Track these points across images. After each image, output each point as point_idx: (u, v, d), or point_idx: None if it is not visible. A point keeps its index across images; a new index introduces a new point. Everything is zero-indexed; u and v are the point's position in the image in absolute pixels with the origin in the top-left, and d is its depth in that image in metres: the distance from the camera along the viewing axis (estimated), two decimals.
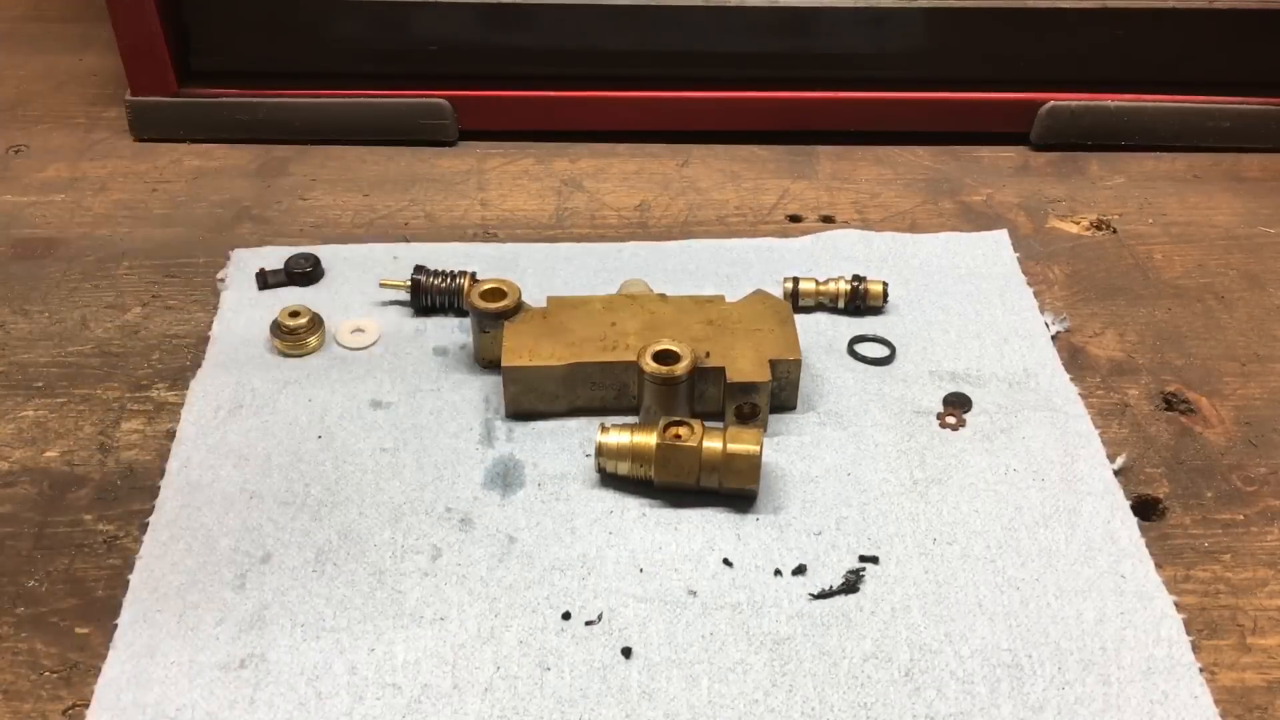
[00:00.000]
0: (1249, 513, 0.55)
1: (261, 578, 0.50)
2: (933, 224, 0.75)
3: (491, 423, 0.59)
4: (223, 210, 0.76)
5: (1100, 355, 0.64)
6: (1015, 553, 0.52)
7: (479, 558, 0.52)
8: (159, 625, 0.48)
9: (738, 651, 0.48)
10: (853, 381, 0.62)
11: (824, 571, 0.51)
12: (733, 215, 0.76)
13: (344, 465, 0.56)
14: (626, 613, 0.49)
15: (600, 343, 0.58)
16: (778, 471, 0.56)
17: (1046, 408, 0.60)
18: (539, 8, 0.80)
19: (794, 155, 0.83)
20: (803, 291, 0.66)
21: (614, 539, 0.53)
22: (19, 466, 0.56)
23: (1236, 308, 0.68)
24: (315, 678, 0.46)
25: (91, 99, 0.88)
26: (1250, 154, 0.83)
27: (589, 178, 0.80)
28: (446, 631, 0.48)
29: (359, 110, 0.81)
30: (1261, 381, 0.63)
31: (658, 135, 0.84)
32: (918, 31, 0.82)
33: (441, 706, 0.46)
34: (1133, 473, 0.57)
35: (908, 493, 0.55)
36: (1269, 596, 0.51)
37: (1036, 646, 0.48)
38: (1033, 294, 0.68)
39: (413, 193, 0.78)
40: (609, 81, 0.82)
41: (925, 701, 0.46)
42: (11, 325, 0.65)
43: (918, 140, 0.84)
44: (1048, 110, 0.82)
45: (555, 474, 0.56)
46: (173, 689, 0.46)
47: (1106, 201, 0.78)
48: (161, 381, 0.62)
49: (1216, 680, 0.47)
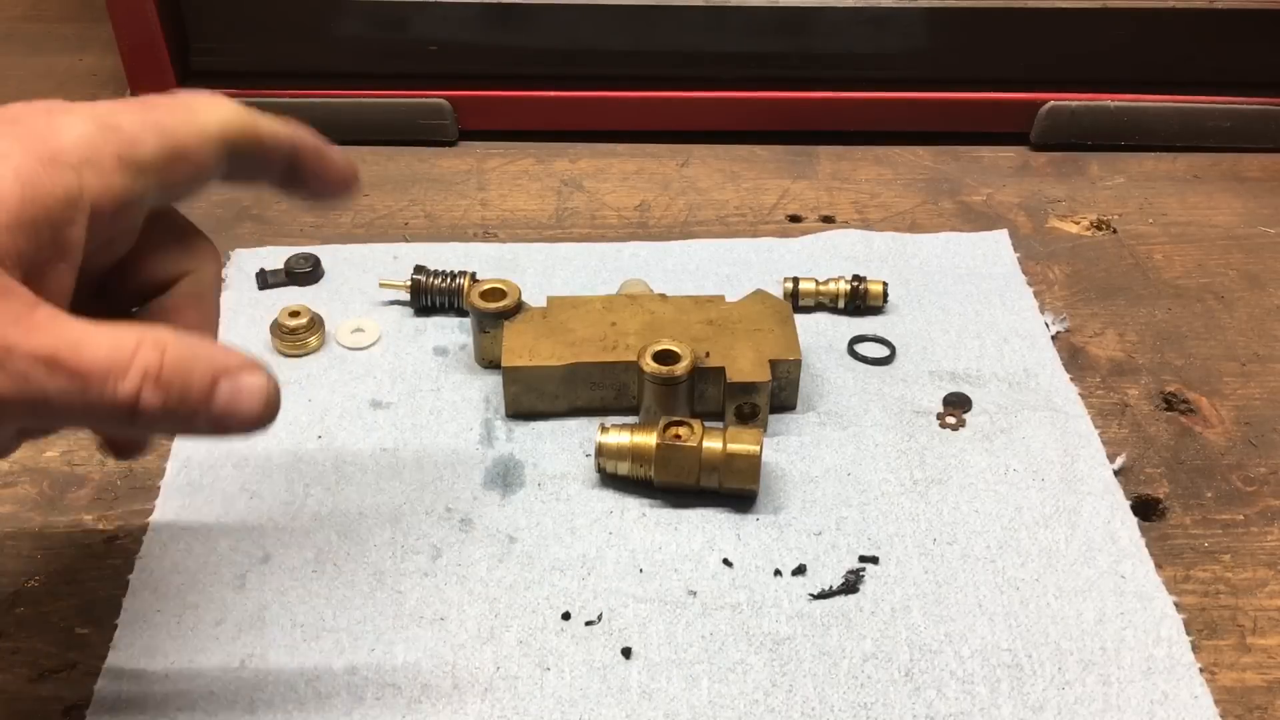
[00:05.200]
0: (1249, 513, 0.55)
1: (261, 578, 0.50)
2: (933, 224, 0.75)
3: (491, 423, 0.59)
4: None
5: (1100, 355, 0.64)
6: (1015, 553, 0.52)
7: (479, 558, 0.52)
8: (159, 625, 0.48)
9: (738, 651, 0.48)
10: (853, 381, 0.62)
11: (824, 571, 0.51)
12: (733, 215, 0.76)
13: (344, 465, 0.56)
14: (626, 613, 0.49)
15: (600, 343, 0.58)
16: (778, 471, 0.56)
17: (1046, 408, 0.60)
18: (539, 8, 0.80)
19: (794, 155, 0.83)
20: (803, 291, 0.66)
21: (614, 539, 0.53)
22: (19, 466, 0.56)
23: (1236, 308, 0.68)
24: (315, 678, 0.47)
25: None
26: (1250, 154, 0.83)
27: (589, 178, 0.80)
28: (446, 632, 0.48)
29: (359, 110, 0.81)
30: (1261, 381, 0.63)
31: (658, 135, 0.84)
32: (918, 31, 0.82)
33: (441, 706, 0.46)
34: (1133, 473, 0.57)
35: (908, 493, 0.55)
36: (1269, 596, 0.51)
37: (1036, 646, 0.48)
38: (1033, 294, 0.68)
39: (413, 193, 0.78)
40: (609, 81, 0.82)
41: (925, 701, 0.46)
42: None
43: (918, 140, 0.84)
44: (1048, 110, 0.82)
45: (555, 474, 0.56)
46: (173, 689, 0.46)
47: (1106, 201, 0.78)
48: None
49: (1216, 680, 0.47)
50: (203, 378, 0.34)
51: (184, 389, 0.34)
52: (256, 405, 0.35)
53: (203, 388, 0.34)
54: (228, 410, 0.35)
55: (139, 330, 0.34)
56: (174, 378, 0.34)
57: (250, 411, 0.35)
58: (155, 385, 0.34)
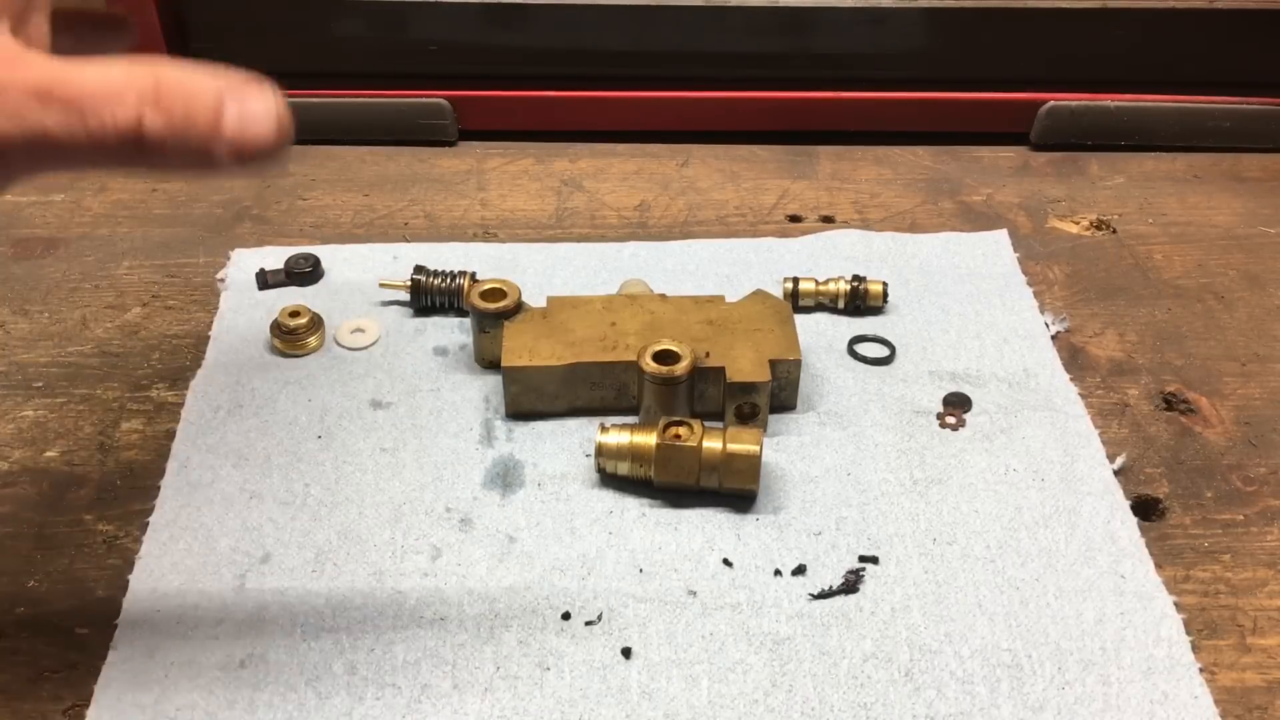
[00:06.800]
0: (1249, 513, 0.55)
1: (261, 578, 0.50)
2: (933, 224, 0.75)
3: (491, 423, 0.59)
4: (223, 210, 0.76)
5: (1100, 355, 0.64)
6: (1015, 553, 0.52)
7: (479, 558, 0.52)
8: (159, 625, 0.48)
9: (738, 651, 0.48)
10: (853, 381, 0.62)
11: (824, 571, 0.51)
12: (733, 215, 0.76)
13: (344, 465, 0.56)
14: (626, 613, 0.49)
15: (600, 343, 0.58)
16: (778, 471, 0.56)
17: (1046, 408, 0.60)
18: (539, 8, 0.80)
19: (794, 155, 0.83)
20: (803, 291, 0.66)
21: (614, 539, 0.53)
22: (19, 466, 0.56)
23: (1236, 308, 0.68)
24: (315, 678, 0.46)
25: None
26: (1250, 154, 0.83)
27: (589, 178, 0.80)
28: (446, 631, 0.48)
29: (359, 110, 0.81)
30: (1261, 381, 0.63)
31: (657, 135, 0.84)
32: (918, 31, 0.82)
33: (441, 706, 0.46)
34: (1133, 473, 0.57)
35: (908, 493, 0.55)
36: (1269, 596, 0.51)
37: (1036, 646, 0.48)
38: (1033, 294, 0.68)
39: (413, 193, 0.78)
40: (609, 81, 0.82)
41: (925, 701, 0.46)
42: (11, 325, 0.65)
43: (918, 140, 0.84)
44: (1048, 110, 0.82)
45: (555, 474, 0.56)
46: (173, 689, 0.46)
47: (1106, 201, 0.78)
48: (161, 381, 0.62)
49: (1216, 680, 0.47)
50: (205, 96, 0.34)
51: (187, 110, 0.33)
52: (270, 124, 0.34)
53: (207, 106, 0.34)
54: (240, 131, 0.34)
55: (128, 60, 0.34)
56: (174, 100, 0.33)
57: (264, 131, 0.34)
58: (155, 108, 0.33)
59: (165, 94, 0.33)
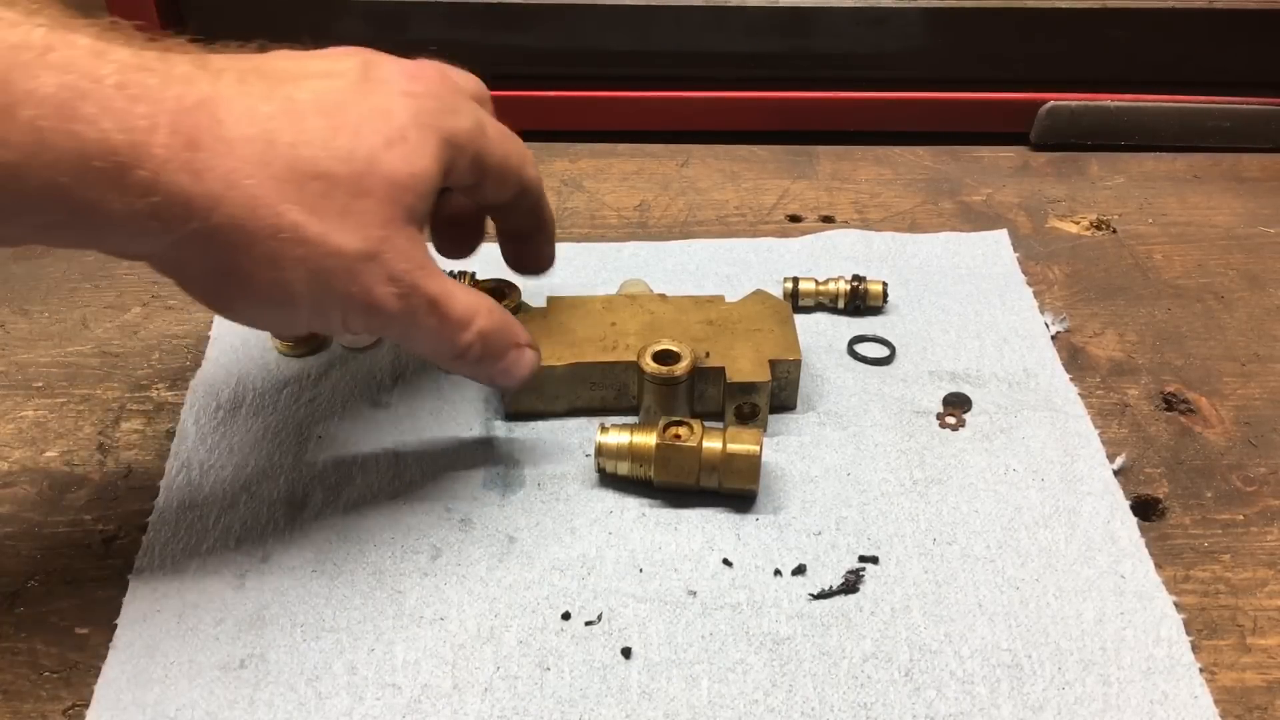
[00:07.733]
0: (1249, 513, 0.55)
1: (261, 578, 0.50)
2: (933, 224, 0.75)
3: (491, 423, 0.59)
4: None
5: (1100, 355, 0.64)
6: (1015, 553, 0.52)
7: (478, 558, 0.52)
8: (159, 625, 0.48)
9: (738, 651, 0.48)
10: (853, 381, 0.62)
11: (824, 571, 0.51)
12: (733, 215, 0.76)
13: (344, 465, 0.56)
14: (626, 613, 0.49)
15: (600, 343, 0.58)
16: (778, 471, 0.56)
17: (1046, 408, 0.60)
18: (539, 8, 0.80)
19: (794, 155, 0.83)
20: (803, 291, 0.66)
21: (614, 539, 0.53)
22: (19, 466, 0.56)
23: (1236, 308, 0.68)
24: (315, 678, 0.47)
25: None
26: (1250, 154, 0.83)
27: (589, 178, 0.80)
28: (446, 631, 0.48)
29: None
30: (1261, 381, 0.63)
31: (658, 135, 0.84)
32: (918, 31, 0.82)
33: (441, 706, 0.46)
34: (1132, 473, 0.57)
35: (908, 493, 0.55)
36: (1269, 596, 0.51)
37: (1036, 646, 0.48)
38: (1033, 294, 0.68)
39: None
40: (609, 81, 0.82)
41: (925, 701, 0.46)
42: (11, 325, 0.65)
43: (918, 140, 0.84)
44: (1048, 110, 0.82)
45: (555, 474, 0.56)
46: (173, 689, 0.46)
47: (1106, 201, 0.78)
48: (161, 381, 0.62)
49: (1216, 680, 0.47)
50: (506, 344, 0.50)
51: (495, 349, 0.49)
52: (525, 372, 0.51)
53: (503, 351, 0.50)
54: (509, 371, 0.51)
55: (480, 297, 0.48)
56: (494, 340, 0.49)
57: (520, 375, 0.51)
58: (482, 342, 0.48)
59: (491, 335, 0.48)
